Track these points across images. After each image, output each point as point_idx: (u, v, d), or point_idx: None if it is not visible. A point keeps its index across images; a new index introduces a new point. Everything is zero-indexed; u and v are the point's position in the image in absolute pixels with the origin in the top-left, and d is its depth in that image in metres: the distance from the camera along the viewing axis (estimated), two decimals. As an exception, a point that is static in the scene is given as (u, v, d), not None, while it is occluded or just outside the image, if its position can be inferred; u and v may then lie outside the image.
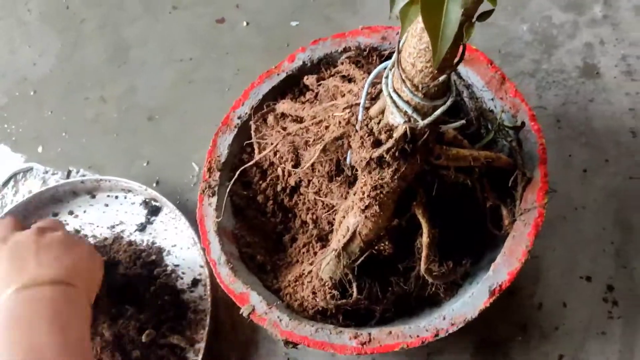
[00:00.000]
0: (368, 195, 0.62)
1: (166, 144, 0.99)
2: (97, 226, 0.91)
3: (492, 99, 0.73)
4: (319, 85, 0.79)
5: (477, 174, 0.66)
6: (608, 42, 0.90)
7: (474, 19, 0.51)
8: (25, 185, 1.00)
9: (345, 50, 0.80)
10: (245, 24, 1.06)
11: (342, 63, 0.80)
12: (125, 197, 0.93)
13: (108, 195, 0.94)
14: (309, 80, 0.80)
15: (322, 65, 0.81)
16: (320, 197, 0.74)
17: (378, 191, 0.62)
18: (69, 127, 1.03)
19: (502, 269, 0.64)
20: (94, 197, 0.94)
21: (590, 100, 0.86)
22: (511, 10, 0.95)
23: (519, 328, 0.76)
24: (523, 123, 0.69)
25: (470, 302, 0.63)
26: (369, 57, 0.80)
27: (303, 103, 0.78)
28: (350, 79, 0.77)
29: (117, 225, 0.91)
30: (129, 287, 0.81)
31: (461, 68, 0.75)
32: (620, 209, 0.80)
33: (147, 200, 0.92)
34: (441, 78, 0.55)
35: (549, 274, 0.78)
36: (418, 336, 0.64)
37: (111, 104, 1.04)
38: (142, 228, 0.90)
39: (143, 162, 0.98)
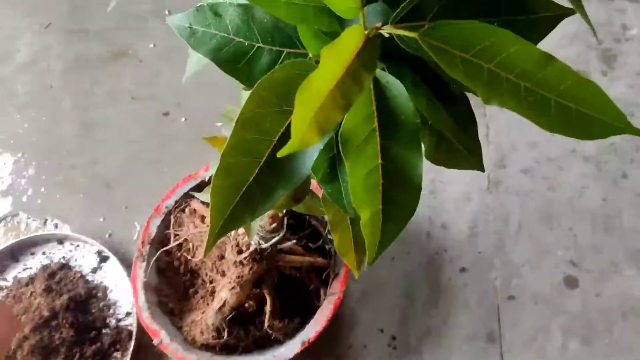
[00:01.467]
0: (233, 281, 1.04)
1: (118, 206, 1.38)
2: (62, 265, 1.31)
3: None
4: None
5: (304, 270, 1.09)
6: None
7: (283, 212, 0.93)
8: (11, 226, 1.39)
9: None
10: (183, 119, 1.46)
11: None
12: (84, 246, 1.33)
13: (72, 244, 1.33)
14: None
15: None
16: (214, 268, 1.15)
17: (239, 279, 1.04)
18: (46, 185, 1.42)
19: (312, 329, 1.07)
20: (61, 243, 1.33)
21: (404, 209, 1.29)
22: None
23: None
24: (338, 238, 1.12)
25: (289, 347, 1.06)
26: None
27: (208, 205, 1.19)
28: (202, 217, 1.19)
29: (76, 266, 1.31)
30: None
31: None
32: (409, 285, 1.23)
33: (99, 250, 1.32)
34: (272, 226, 0.97)
35: (359, 324, 1.22)
36: (258, 365, 1.06)
37: (79, 170, 1.43)
38: (94, 270, 1.30)
39: (100, 218, 1.37)
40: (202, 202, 1.21)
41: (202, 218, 1.16)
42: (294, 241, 1.07)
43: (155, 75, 1.51)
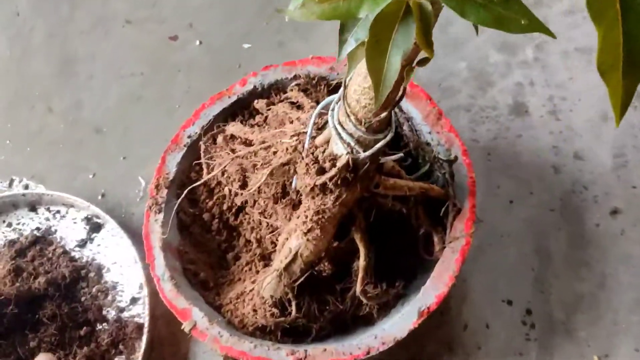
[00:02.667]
0: (310, 219, 0.66)
1: (113, 157, 0.99)
2: (36, 238, 0.91)
3: (430, 133, 0.79)
4: (269, 109, 0.83)
5: (412, 203, 0.71)
6: (537, 83, 0.97)
7: (414, 64, 0.56)
8: (-36, 192, 0.99)
9: (295, 77, 0.84)
10: (198, 42, 1.09)
11: (291, 90, 0.84)
12: (67, 212, 0.93)
13: (49, 210, 0.93)
14: (259, 104, 0.84)
15: (273, 91, 0.85)
16: (265, 217, 0.77)
17: (320, 216, 0.66)
18: (13, 136, 1.03)
19: (431, 292, 0.69)
20: (34, 210, 0.94)
21: (518, 136, 0.93)
22: (451, 49, 1.01)
23: (446, 346, 0.81)
24: (456, 157, 0.75)
25: (400, 322, 0.68)
26: (317, 86, 0.84)
27: (252, 126, 0.82)
28: (298, 106, 0.81)
29: (58, 240, 0.91)
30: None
31: (403, 102, 0.81)
32: (540, 238, 0.86)
33: (89, 216, 0.92)
34: (383, 115, 0.60)
35: (475, 296, 0.84)
36: (351, 354, 0.67)
37: (57, 115, 1.04)
38: (82, 244, 0.90)
39: (88, 175, 0.98)
40: (245, 122, 0.83)
41: (248, 143, 0.78)
42: (400, 155, 0.69)
43: (157, -7, 1.14)
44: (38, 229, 0.92)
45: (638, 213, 0.87)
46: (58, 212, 0.94)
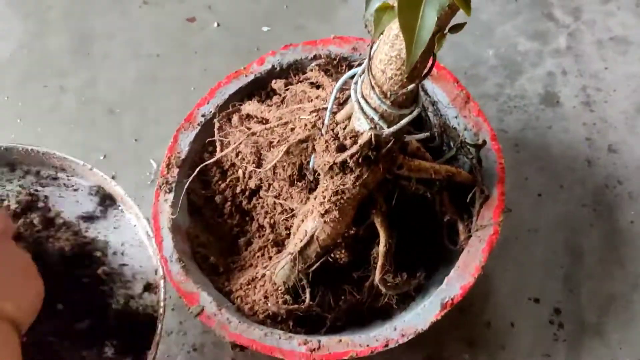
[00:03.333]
0: (329, 200, 0.62)
1: (125, 139, 0.96)
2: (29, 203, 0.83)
3: (456, 117, 0.74)
4: (287, 90, 0.79)
5: (437, 187, 0.67)
6: (570, 73, 0.93)
7: (446, 30, 0.51)
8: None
9: (315, 57, 0.81)
10: (216, 25, 1.05)
11: (311, 70, 0.80)
12: (71, 181, 0.86)
13: (49, 175, 0.84)
14: (277, 84, 0.80)
15: (291, 71, 0.81)
16: (279, 200, 0.73)
17: (339, 196, 0.62)
18: (24, 114, 1.00)
19: (455, 283, 0.64)
20: (30, 173, 0.85)
21: (548, 127, 0.88)
22: (479, 35, 0.97)
23: (467, 345, 0.77)
24: (484, 142, 0.70)
25: (421, 314, 0.64)
26: (338, 67, 0.80)
27: (269, 106, 0.78)
28: (318, 86, 0.77)
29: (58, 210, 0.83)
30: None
31: (428, 84, 0.77)
32: (571, 234, 0.81)
33: (98, 187, 0.86)
34: (410, 87, 0.55)
35: (499, 293, 0.79)
36: (368, 345, 0.63)
37: (71, 94, 1.01)
38: (90, 218, 0.84)
39: (100, 156, 0.95)
40: (262, 102, 0.79)
41: (265, 122, 0.74)
42: (426, 134, 0.65)
43: (176, -26, 1.11)
44: (34, 194, 0.84)
45: (677, 210, 0.82)
46: (58, 178, 0.85)
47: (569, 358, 0.75)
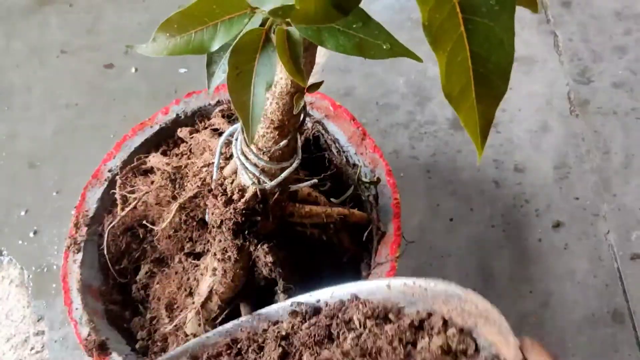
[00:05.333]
0: (221, 256, 0.63)
1: (46, 192, 0.96)
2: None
3: (355, 154, 0.76)
4: (192, 137, 0.80)
5: (332, 230, 0.68)
6: (477, 95, 0.95)
7: (305, 90, 0.53)
8: None
9: (218, 103, 0.82)
10: (134, 70, 1.06)
11: (215, 116, 0.81)
12: None
13: None
14: (182, 132, 0.81)
15: (197, 118, 0.82)
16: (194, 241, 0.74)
17: (228, 253, 0.63)
18: (-57, 174, 1.00)
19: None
20: None
21: (458, 151, 0.90)
22: (389, 64, 0.99)
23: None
24: (379, 179, 0.72)
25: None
26: (241, 111, 0.81)
27: (175, 156, 0.79)
28: (220, 133, 0.78)
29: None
30: None
31: (328, 123, 0.78)
32: (482, 256, 0.83)
33: None
34: (282, 143, 0.57)
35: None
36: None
37: (-9, 149, 1.01)
38: None
39: (21, 211, 0.95)
40: (170, 151, 0.80)
41: (168, 175, 0.75)
42: (314, 181, 0.66)
43: (92, 21, 1.11)
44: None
45: (581, 226, 0.84)
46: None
47: (484, 380, 0.77)
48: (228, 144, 0.65)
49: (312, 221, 0.66)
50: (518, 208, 0.86)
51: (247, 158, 0.59)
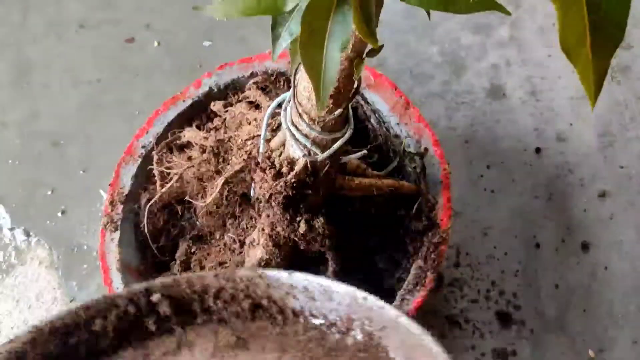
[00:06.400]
0: (267, 231, 0.60)
1: (72, 171, 0.94)
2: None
3: (398, 124, 0.73)
4: (226, 111, 0.77)
5: (381, 203, 0.66)
6: (514, 63, 0.92)
7: (364, 55, 0.50)
8: None
9: (252, 75, 0.79)
10: (156, 44, 1.03)
11: (249, 88, 0.78)
12: None
13: None
14: (216, 106, 0.78)
15: (230, 91, 0.79)
16: (240, 216, 0.71)
17: (277, 229, 0.60)
18: (-37, 155, 0.97)
19: (409, 296, 0.64)
20: None
21: (497, 121, 0.88)
22: (421, 32, 0.96)
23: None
24: (426, 149, 0.69)
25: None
26: (276, 82, 0.79)
27: (210, 130, 0.76)
28: (257, 106, 0.76)
29: None
30: None
31: (368, 93, 0.75)
32: (526, 228, 0.81)
33: None
34: (337, 112, 0.54)
35: (457, 294, 0.79)
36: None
37: (12, 128, 0.98)
38: None
39: (47, 191, 0.93)
40: (203, 126, 0.77)
41: (204, 150, 0.73)
42: (364, 152, 0.64)
43: (110, -6, 1.08)
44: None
45: (627, 195, 0.82)
46: None
47: (533, 353, 0.75)
48: (274, 115, 0.63)
49: (361, 194, 0.64)
50: (562, 178, 0.84)
51: (297, 129, 0.56)
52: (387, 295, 0.67)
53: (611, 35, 0.32)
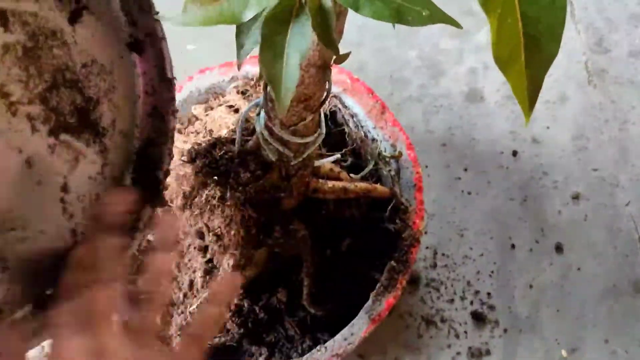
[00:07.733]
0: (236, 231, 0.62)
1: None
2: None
3: (374, 128, 0.75)
4: (207, 115, 0.78)
5: (354, 205, 0.68)
6: (491, 67, 0.93)
7: (331, 62, 0.52)
8: None
9: (232, 79, 0.80)
10: (140, 48, 1.04)
11: (229, 93, 0.80)
12: None
13: None
14: (197, 110, 0.80)
15: (211, 95, 0.81)
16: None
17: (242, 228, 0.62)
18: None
19: (380, 297, 0.65)
20: None
21: (474, 125, 0.89)
22: (402, 37, 0.97)
23: (405, 349, 0.78)
24: (400, 153, 0.71)
25: (347, 334, 0.64)
26: (256, 87, 0.80)
27: (190, 134, 0.77)
28: (236, 110, 0.77)
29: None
30: None
31: (346, 97, 0.77)
32: (502, 230, 0.83)
33: None
34: (309, 117, 0.56)
35: (434, 295, 0.80)
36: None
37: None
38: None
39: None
40: (184, 129, 0.79)
41: (182, 154, 0.74)
42: (337, 156, 0.66)
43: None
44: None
45: (600, 197, 0.84)
46: None
47: (506, 354, 0.77)
48: (248, 120, 0.64)
49: (335, 197, 0.66)
50: (537, 180, 0.85)
51: (270, 133, 0.58)
52: (361, 296, 0.68)
53: (546, 48, 0.33)
